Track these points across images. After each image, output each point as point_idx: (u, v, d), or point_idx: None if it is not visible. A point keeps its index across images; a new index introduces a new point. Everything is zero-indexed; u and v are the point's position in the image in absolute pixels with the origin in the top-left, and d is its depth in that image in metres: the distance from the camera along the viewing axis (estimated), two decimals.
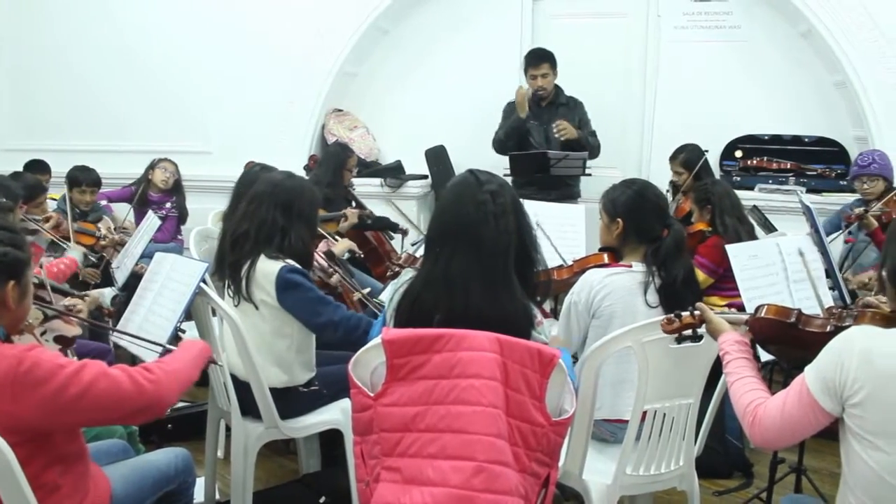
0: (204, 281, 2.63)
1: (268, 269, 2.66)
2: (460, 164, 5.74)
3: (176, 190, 5.45)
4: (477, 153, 5.11)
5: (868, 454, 1.56)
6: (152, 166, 5.38)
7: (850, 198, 4.46)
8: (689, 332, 2.08)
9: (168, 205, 5.41)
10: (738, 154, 5.44)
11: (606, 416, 2.48)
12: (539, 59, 4.95)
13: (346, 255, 3.78)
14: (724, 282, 3.57)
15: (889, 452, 1.52)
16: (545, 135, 4.96)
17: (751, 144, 5.44)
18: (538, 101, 5.01)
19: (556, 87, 5.05)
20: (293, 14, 5.90)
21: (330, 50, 5.87)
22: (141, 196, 5.23)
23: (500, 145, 5.04)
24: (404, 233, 4.72)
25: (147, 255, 3.35)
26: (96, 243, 4.16)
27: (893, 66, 4.83)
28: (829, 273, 3.06)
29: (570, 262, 3.18)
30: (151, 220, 3.89)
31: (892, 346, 1.54)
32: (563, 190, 4.85)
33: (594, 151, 4.99)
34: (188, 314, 2.63)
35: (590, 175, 4.94)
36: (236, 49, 6.00)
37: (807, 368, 1.67)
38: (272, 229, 2.71)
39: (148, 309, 2.70)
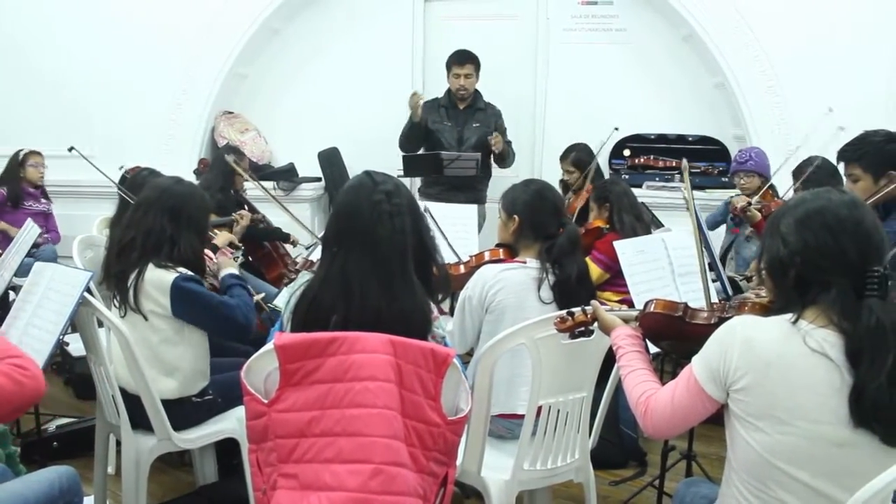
0: (89, 290, 2.52)
1: (158, 278, 2.57)
2: (354, 166, 5.72)
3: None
4: (370, 155, 5.10)
5: (750, 436, 1.62)
6: (21, 163, 5.19)
7: (731, 193, 4.65)
8: (581, 328, 2.13)
9: (44, 200, 5.26)
10: (627, 153, 5.62)
11: (501, 411, 2.50)
12: (464, 59, 4.95)
13: (240, 259, 3.69)
14: (619, 278, 3.60)
15: (769, 433, 1.59)
16: (458, 136, 4.97)
17: (638, 143, 5.63)
18: (454, 103, 5.02)
19: (476, 91, 5.06)
20: (181, 12, 5.73)
21: (219, 50, 5.74)
22: (16, 196, 5.08)
23: (404, 147, 5.01)
24: (293, 244, 4.67)
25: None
26: None
27: (767, 68, 5.09)
28: (712, 266, 3.18)
29: (466, 259, 3.21)
30: (31, 230, 3.68)
31: (771, 333, 1.61)
32: (470, 194, 4.83)
33: (508, 160, 5.04)
34: (73, 326, 2.52)
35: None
36: (121, 48, 5.79)
37: (694, 359, 1.73)
38: (160, 237, 2.63)
39: (27, 322, 2.56)
